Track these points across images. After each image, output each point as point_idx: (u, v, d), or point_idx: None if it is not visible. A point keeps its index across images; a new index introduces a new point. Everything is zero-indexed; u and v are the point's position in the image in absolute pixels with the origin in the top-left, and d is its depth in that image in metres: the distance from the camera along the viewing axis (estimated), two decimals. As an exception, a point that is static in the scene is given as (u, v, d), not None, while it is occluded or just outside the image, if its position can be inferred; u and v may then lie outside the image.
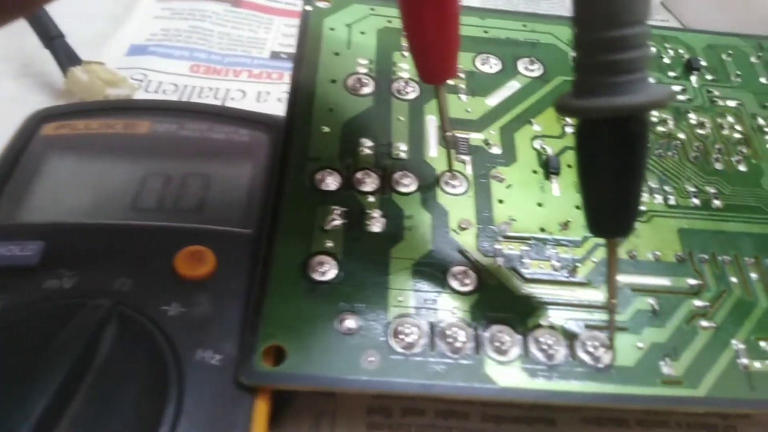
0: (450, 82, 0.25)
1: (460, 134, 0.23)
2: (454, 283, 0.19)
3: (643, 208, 0.22)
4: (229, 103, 0.33)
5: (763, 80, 0.27)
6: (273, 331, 0.18)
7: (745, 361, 0.19)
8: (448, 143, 0.21)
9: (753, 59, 0.28)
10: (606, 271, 0.18)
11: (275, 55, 0.36)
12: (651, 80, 0.14)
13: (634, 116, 0.14)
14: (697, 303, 0.20)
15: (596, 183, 0.16)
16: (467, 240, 0.20)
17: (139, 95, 0.32)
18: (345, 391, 0.18)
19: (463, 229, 0.21)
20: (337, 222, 0.20)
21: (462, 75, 0.25)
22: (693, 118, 0.25)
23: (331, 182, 0.21)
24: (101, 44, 0.36)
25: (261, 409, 0.17)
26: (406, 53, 0.25)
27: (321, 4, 0.26)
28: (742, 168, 0.24)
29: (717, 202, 0.23)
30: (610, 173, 0.15)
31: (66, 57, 0.31)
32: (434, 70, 0.18)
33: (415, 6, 0.17)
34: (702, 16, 0.41)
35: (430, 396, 0.17)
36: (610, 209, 0.16)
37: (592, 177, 0.16)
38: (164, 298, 0.18)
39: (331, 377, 0.17)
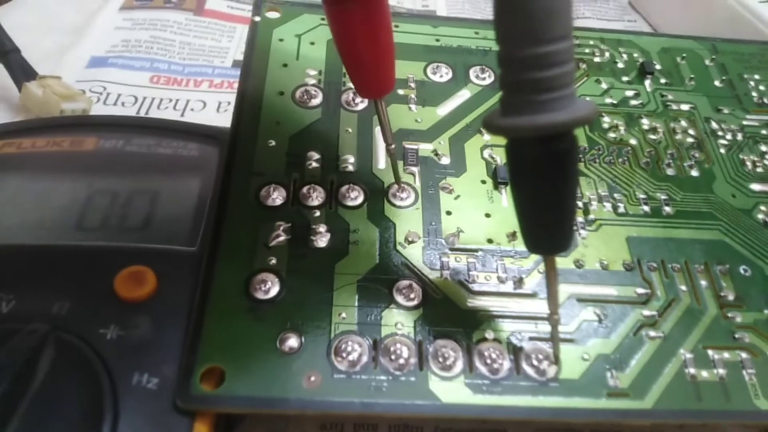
0: (400, 92, 0.24)
1: (409, 145, 0.23)
2: (399, 298, 0.19)
3: (591, 216, 0.22)
4: (189, 114, 0.33)
5: (717, 83, 0.27)
6: (212, 352, 0.17)
7: (692, 370, 0.19)
8: (391, 156, 0.21)
9: (707, 62, 0.28)
10: (548, 287, 0.18)
11: (238, 64, 0.36)
12: (576, 96, 0.14)
13: (560, 134, 0.14)
14: (645, 312, 0.20)
15: (528, 202, 0.16)
16: (414, 253, 0.20)
17: (98, 108, 0.32)
18: (285, 413, 0.18)
19: (410, 242, 0.20)
20: (282, 238, 0.20)
21: (412, 84, 0.25)
22: (645, 123, 0.25)
23: (277, 197, 0.21)
24: (62, 57, 0.35)
25: (201, 433, 0.17)
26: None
27: (270, 15, 0.26)
28: (694, 173, 0.24)
29: (668, 209, 0.22)
30: (541, 192, 0.15)
31: (21, 71, 0.31)
32: (370, 86, 0.18)
33: (344, 22, 0.17)
34: (669, 16, 0.42)
35: (371, 415, 0.17)
36: (544, 227, 0.16)
37: (524, 196, 0.16)
38: (103, 321, 0.18)
39: (272, 399, 0.17)
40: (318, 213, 0.21)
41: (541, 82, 0.14)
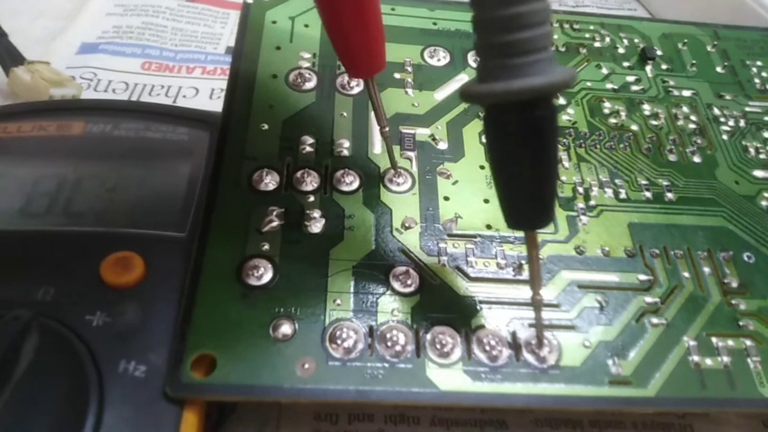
0: (396, 75, 0.24)
1: (406, 130, 0.22)
2: (396, 284, 0.19)
3: (592, 202, 0.21)
4: (181, 101, 0.32)
5: (719, 69, 0.27)
6: (203, 339, 0.17)
7: (696, 358, 0.18)
8: (386, 139, 0.20)
9: (709, 48, 0.28)
10: (530, 266, 0.17)
11: (231, 51, 0.35)
12: (554, 60, 0.14)
13: (538, 100, 0.14)
14: (648, 299, 0.19)
15: (507, 173, 0.15)
16: (410, 239, 0.20)
17: (88, 95, 0.31)
18: (278, 401, 0.17)
19: (407, 228, 0.20)
20: (275, 223, 0.19)
21: (409, 68, 0.24)
22: (647, 108, 0.25)
23: (270, 182, 0.20)
24: (52, 43, 0.35)
25: (190, 422, 0.16)
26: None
27: (263, -4, 0.25)
28: (696, 159, 0.23)
29: (670, 195, 0.22)
30: (520, 162, 0.14)
31: (8, 56, 0.30)
32: (358, 62, 0.18)
33: None
34: (669, 5, 0.41)
35: (367, 403, 0.17)
36: (524, 201, 0.15)
37: (502, 167, 0.15)
38: (88, 308, 0.17)
39: (264, 386, 0.16)
40: (312, 198, 0.20)
41: (515, 44, 0.13)
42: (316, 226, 0.19)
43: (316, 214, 0.20)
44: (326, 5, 0.16)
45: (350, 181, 0.21)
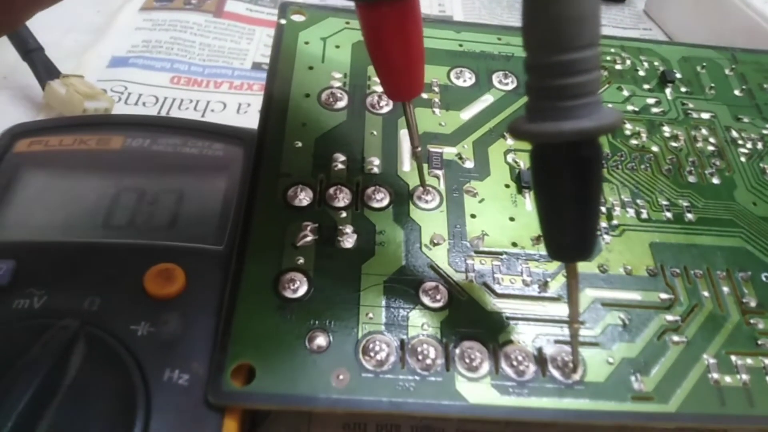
0: (424, 96, 0.25)
1: (433, 148, 0.23)
2: (426, 299, 0.19)
3: (614, 222, 0.22)
4: (209, 115, 0.33)
5: (736, 92, 0.27)
6: (242, 349, 0.18)
7: (716, 375, 0.19)
8: (418, 159, 0.21)
9: (727, 71, 0.28)
10: (569, 295, 0.17)
11: (257, 66, 0.36)
12: (601, 104, 0.14)
13: (585, 141, 0.14)
14: (669, 317, 0.20)
15: (551, 208, 0.16)
16: (439, 255, 0.20)
17: (119, 108, 0.32)
18: (314, 410, 0.18)
19: (436, 244, 0.21)
20: (309, 238, 0.20)
21: (436, 89, 0.25)
22: (667, 130, 0.25)
23: (303, 198, 0.21)
24: (83, 56, 0.36)
25: (230, 428, 0.17)
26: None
27: (296, 18, 0.26)
28: (715, 181, 0.24)
29: (689, 216, 0.23)
30: (564, 198, 0.15)
31: (44, 70, 0.31)
32: (400, 88, 0.18)
33: (377, 28, 0.17)
34: (684, 24, 0.42)
35: (399, 414, 0.17)
36: (567, 234, 0.16)
37: (547, 202, 0.16)
38: (133, 318, 0.18)
39: (301, 396, 0.17)
40: (344, 214, 0.21)
41: (567, 88, 0.14)
42: (349, 241, 0.20)
43: (348, 229, 0.20)
44: (374, 35, 0.17)
45: (381, 198, 0.21)
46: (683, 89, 0.27)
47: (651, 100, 0.26)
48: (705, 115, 0.26)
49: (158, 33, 0.38)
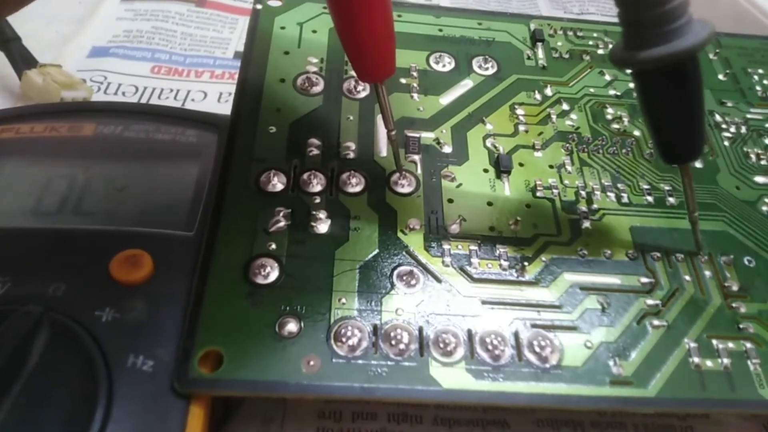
0: (402, 80, 0.24)
1: (411, 133, 0.23)
2: (400, 284, 0.19)
3: (594, 206, 0.22)
4: (190, 105, 0.32)
5: (720, 77, 0.27)
6: (210, 336, 0.17)
7: (696, 360, 0.18)
8: (393, 142, 0.21)
9: (711, 56, 0.28)
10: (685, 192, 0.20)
11: (239, 55, 0.36)
12: (693, 21, 0.17)
13: (688, 58, 0.16)
14: (649, 301, 0.19)
15: (666, 120, 0.18)
16: (415, 240, 0.20)
17: (98, 98, 0.32)
18: (284, 397, 0.18)
19: (412, 229, 0.20)
20: (282, 224, 0.20)
21: (415, 74, 0.25)
22: (649, 114, 0.25)
23: (277, 183, 0.20)
24: (63, 47, 0.35)
25: (196, 416, 0.16)
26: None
27: (272, 3, 0.25)
28: (698, 165, 0.24)
29: (671, 200, 0.22)
30: (675, 110, 0.18)
31: (21, 59, 0.31)
32: (370, 68, 0.18)
33: (343, 1, 0.16)
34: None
35: (371, 399, 0.17)
36: (683, 140, 0.18)
37: (661, 116, 0.18)
38: (98, 304, 0.18)
39: (270, 382, 0.17)
40: (318, 199, 0.20)
41: (669, 13, 0.16)
42: (323, 226, 0.20)
43: (322, 215, 0.20)
44: (340, 11, 0.17)
45: (356, 183, 0.21)
46: (667, 74, 0.27)
47: (632, 84, 0.26)
48: (689, 100, 0.26)
49: (140, 23, 0.37)
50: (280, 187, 0.20)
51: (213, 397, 0.17)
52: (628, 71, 0.26)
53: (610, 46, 0.27)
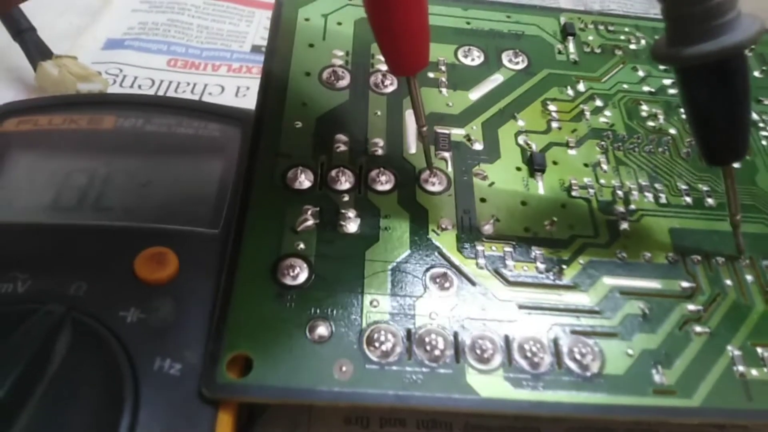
0: (430, 75, 0.23)
1: (441, 129, 0.22)
2: (433, 287, 0.18)
3: (632, 207, 0.21)
4: (207, 99, 0.32)
5: (756, 73, 0.26)
6: (238, 339, 0.16)
7: (741, 368, 0.18)
8: (423, 139, 0.20)
9: (746, 52, 0.27)
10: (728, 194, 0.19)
11: (256, 49, 0.35)
12: (741, 15, 0.16)
13: (735, 53, 0.16)
14: (690, 307, 0.19)
15: (710, 119, 0.17)
16: (447, 241, 0.19)
17: (114, 90, 0.31)
18: (315, 404, 0.17)
19: (443, 229, 0.19)
20: (309, 222, 0.19)
21: (443, 68, 0.24)
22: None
23: (304, 180, 0.20)
24: (78, 38, 0.34)
25: (224, 423, 0.16)
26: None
27: (296, -6, 0.25)
28: (735, 164, 0.23)
29: (710, 201, 0.21)
30: (722, 108, 0.17)
31: (36, 51, 0.30)
32: (404, 60, 0.17)
33: None
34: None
35: (406, 408, 0.16)
36: (727, 140, 0.18)
37: (706, 115, 0.17)
38: (122, 304, 0.17)
39: (301, 389, 0.16)
40: (347, 197, 0.20)
41: (717, 8, 0.15)
42: (352, 225, 0.19)
43: (351, 213, 0.19)
44: (375, 1, 0.16)
45: (385, 181, 0.20)
46: (701, 70, 0.26)
47: (667, 81, 0.25)
48: (724, 97, 0.25)
49: (155, 15, 0.36)
50: (307, 184, 0.20)
51: (240, 403, 0.17)
52: (662, 67, 0.25)
53: (643, 41, 0.27)
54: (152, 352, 0.16)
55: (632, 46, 0.26)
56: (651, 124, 0.24)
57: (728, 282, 0.20)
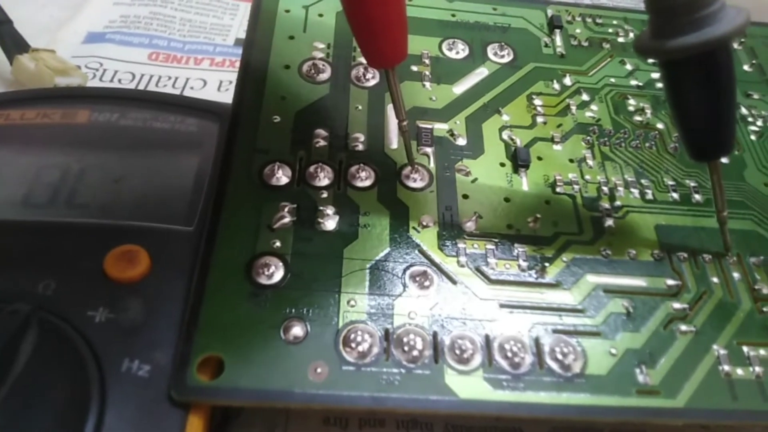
0: (413, 68, 0.23)
1: (423, 124, 0.21)
2: (413, 286, 0.18)
3: (618, 203, 0.20)
4: (189, 93, 0.31)
5: (746, 67, 0.26)
6: (210, 340, 0.16)
7: (726, 368, 0.17)
8: (405, 134, 0.19)
9: (736, 45, 0.27)
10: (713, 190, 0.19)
11: (240, 43, 0.34)
12: (726, 6, 0.15)
13: (720, 47, 0.15)
14: (676, 305, 0.18)
15: (695, 114, 0.17)
16: (428, 238, 0.19)
17: (94, 84, 0.31)
18: (289, 407, 0.17)
19: (425, 226, 0.19)
20: (286, 220, 0.18)
21: (427, 61, 0.23)
22: (673, 107, 0.24)
23: (281, 176, 0.19)
24: (57, 32, 0.34)
25: (195, 426, 0.15)
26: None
27: (276, -16, 0.24)
28: (723, 160, 0.22)
29: (697, 197, 0.21)
30: (707, 102, 0.16)
31: (13, 44, 0.30)
32: (381, 51, 0.17)
33: None
34: None
35: (382, 410, 0.16)
36: (713, 134, 0.17)
37: (690, 109, 0.17)
38: (91, 303, 0.16)
39: (274, 391, 0.15)
40: (325, 194, 0.19)
41: (697, 0, 0.15)
42: (330, 223, 0.19)
43: (330, 210, 0.19)
44: None
45: (365, 177, 0.20)
46: (690, 64, 0.25)
47: (655, 75, 0.25)
48: (713, 92, 0.25)
49: (137, 8, 0.36)
50: (284, 180, 0.19)
51: (212, 406, 0.16)
52: (650, 60, 0.25)
53: (631, 34, 0.26)
54: (121, 352, 0.16)
55: (620, 39, 0.26)
56: (638, 118, 0.23)
57: (715, 280, 0.19)
